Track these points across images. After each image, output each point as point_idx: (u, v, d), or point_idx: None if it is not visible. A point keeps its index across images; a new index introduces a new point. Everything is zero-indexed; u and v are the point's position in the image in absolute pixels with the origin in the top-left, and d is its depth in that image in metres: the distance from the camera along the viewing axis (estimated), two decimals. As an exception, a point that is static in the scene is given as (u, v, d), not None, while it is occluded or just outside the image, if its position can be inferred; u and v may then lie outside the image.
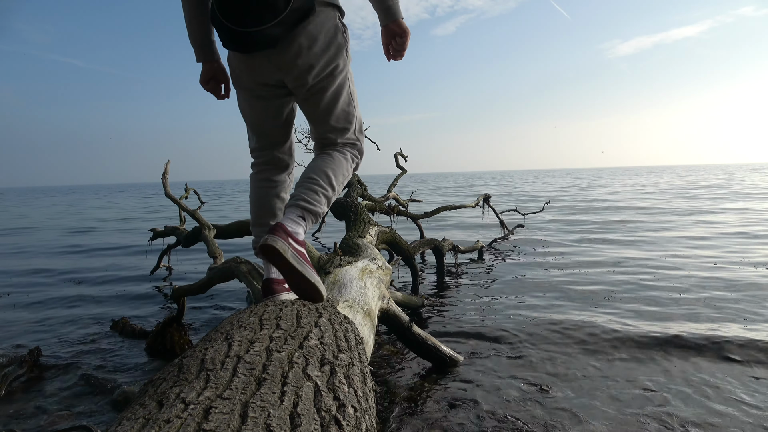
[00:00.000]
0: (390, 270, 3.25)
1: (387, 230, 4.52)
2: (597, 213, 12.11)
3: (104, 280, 5.80)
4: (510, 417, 2.20)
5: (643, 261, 5.79)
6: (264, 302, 1.51)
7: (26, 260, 7.55)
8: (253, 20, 1.29)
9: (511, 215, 9.88)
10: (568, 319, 3.62)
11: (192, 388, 0.94)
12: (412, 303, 3.65)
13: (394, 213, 6.21)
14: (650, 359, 2.84)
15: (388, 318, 2.77)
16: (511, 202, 15.34)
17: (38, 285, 5.64)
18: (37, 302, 4.78)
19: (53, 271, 6.50)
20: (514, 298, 4.31)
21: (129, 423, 0.86)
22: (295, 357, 1.14)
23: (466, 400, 2.38)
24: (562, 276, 5.15)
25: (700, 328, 3.29)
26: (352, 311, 2.25)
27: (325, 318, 1.51)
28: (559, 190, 24.49)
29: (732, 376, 2.59)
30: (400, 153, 6.90)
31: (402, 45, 1.46)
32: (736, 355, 2.84)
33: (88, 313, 4.32)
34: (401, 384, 2.61)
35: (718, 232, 7.89)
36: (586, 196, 18.09)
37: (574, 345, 3.09)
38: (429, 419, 2.21)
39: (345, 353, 1.29)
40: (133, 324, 3.77)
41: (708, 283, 4.58)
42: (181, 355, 1.20)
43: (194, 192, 6.11)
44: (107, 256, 7.76)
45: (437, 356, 2.80)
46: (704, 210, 11.85)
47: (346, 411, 0.99)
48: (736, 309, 3.72)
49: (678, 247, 6.64)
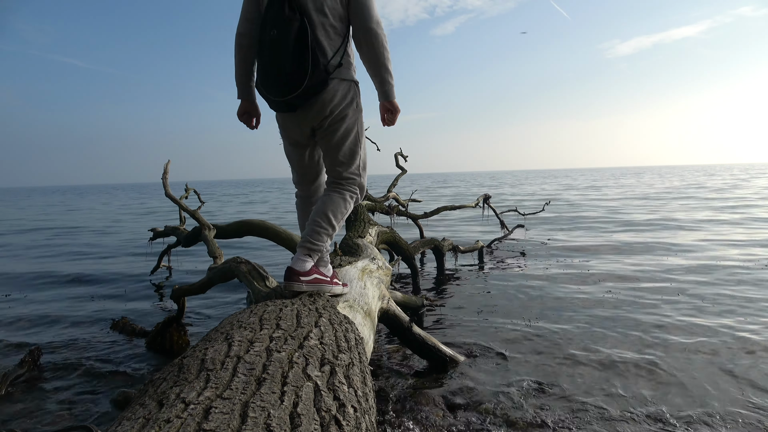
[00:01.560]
0: (390, 270, 3.25)
1: (387, 230, 4.52)
2: (600, 216, 12.12)
3: (104, 280, 5.80)
4: (510, 417, 2.20)
5: (642, 260, 5.79)
6: (264, 302, 1.51)
7: (25, 260, 7.55)
8: (279, 93, 1.77)
9: (510, 216, 9.87)
10: (568, 320, 3.62)
11: (192, 388, 0.94)
12: (412, 303, 3.65)
13: (394, 213, 6.21)
14: (650, 361, 2.84)
15: (388, 318, 2.77)
16: (514, 203, 15.32)
17: (38, 285, 5.64)
18: (37, 302, 4.78)
19: (54, 270, 6.50)
20: (515, 298, 4.31)
21: (129, 423, 0.86)
22: (295, 357, 1.14)
23: (466, 400, 2.38)
24: (562, 276, 5.15)
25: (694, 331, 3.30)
26: (352, 311, 2.25)
27: (325, 318, 1.51)
28: (557, 192, 24.44)
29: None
30: (400, 153, 6.89)
31: (393, 118, 1.96)
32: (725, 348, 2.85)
33: (88, 313, 4.32)
34: (401, 384, 2.61)
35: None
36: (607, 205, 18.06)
37: (574, 345, 3.09)
38: (429, 419, 2.20)
39: (345, 353, 1.29)
40: (133, 324, 3.77)
41: (709, 290, 4.58)
42: (181, 355, 1.20)
43: (194, 192, 6.10)
44: (107, 255, 7.76)
45: (437, 356, 2.80)
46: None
47: (346, 411, 0.99)
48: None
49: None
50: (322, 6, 1.78)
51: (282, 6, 1.71)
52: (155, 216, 15.89)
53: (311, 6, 1.77)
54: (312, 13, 1.77)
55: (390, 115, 1.94)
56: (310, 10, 1.77)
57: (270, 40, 1.73)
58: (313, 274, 1.94)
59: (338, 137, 1.92)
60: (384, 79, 1.89)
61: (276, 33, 1.71)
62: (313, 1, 1.78)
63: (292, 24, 1.70)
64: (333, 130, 1.90)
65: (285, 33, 1.70)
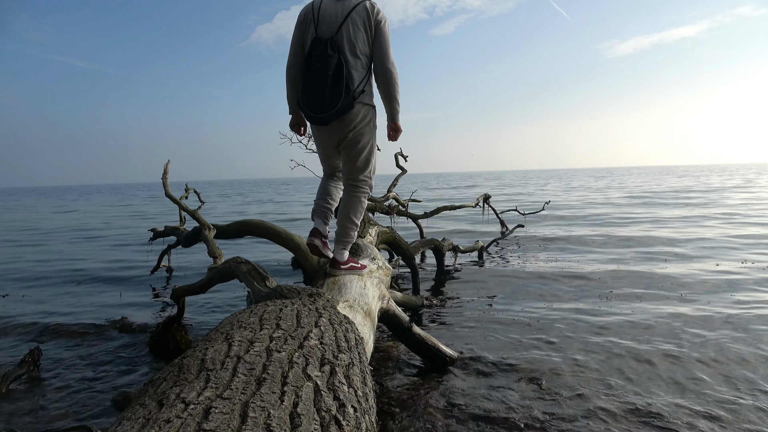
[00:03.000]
0: (390, 270, 3.24)
1: (387, 230, 4.52)
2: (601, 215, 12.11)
3: (104, 280, 5.80)
4: (510, 417, 2.20)
5: (643, 261, 5.79)
6: (264, 302, 1.51)
7: (23, 261, 7.55)
8: (318, 110, 2.30)
9: (510, 215, 9.88)
10: (568, 319, 3.62)
11: (192, 388, 0.94)
12: (412, 303, 3.65)
13: (394, 213, 6.21)
14: (651, 362, 2.84)
15: (388, 318, 2.77)
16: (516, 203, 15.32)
17: (38, 285, 5.64)
18: (37, 302, 4.78)
19: (54, 270, 6.51)
20: (514, 298, 4.31)
21: (129, 423, 0.86)
22: (295, 357, 1.14)
23: (466, 400, 2.38)
24: (562, 276, 5.15)
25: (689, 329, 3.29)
26: (352, 311, 2.25)
27: (325, 318, 1.51)
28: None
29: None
30: (400, 153, 6.89)
31: (396, 136, 2.56)
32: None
33: (87, 313, 4.32)
34: (401, 384, 2.61)
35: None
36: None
37: (574, 345, 3.09)
38: (429, 419, 2.21)
39: (345, 353, 1.29)
40: (133, 324, 3.77)
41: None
42: (181, 355, 1.20)
43: (194, 192, 6.10)
44: (106, 255, 7.76)
45: (437, 356, 2.80)
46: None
47: (346, 411, 0.99)
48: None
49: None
50: (354, 48, 2.31)
51: (325, 46, 2.25)
52: (154, 216, 15.90)
53: (347, 48, 2.30)
54: (347, 53, 2.29)
55: (394, 133, 2.55)
56: (346, 51, 2.29)
57: (314, 70, 2.25)
58: (350, 263, 2.65)
59: (358, 149, 2.49)
60: (393, 106, 2.46)
61: (320, 66, 2.24)
62: (348, 44, 2.30)
63: (332, 60, 2.24)
64: (355, 142, 2.46)
65: (326, 66, 2.23)
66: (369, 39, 2.34)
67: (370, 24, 2.32)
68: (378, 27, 2.33)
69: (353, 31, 2.30)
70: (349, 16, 2.30)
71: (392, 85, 2.38)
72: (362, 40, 2.32)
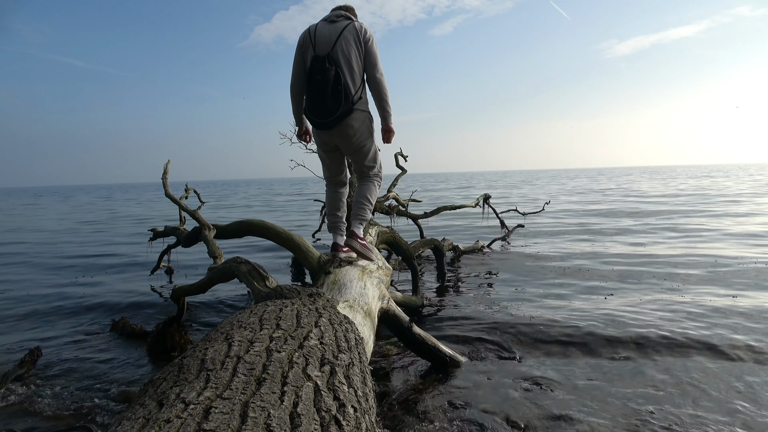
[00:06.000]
0: (390, 270, 3.24)
1: (387, 230, 4.52)
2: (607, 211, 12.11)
3: (104, 281, 5.80)
4: (510, 417, 2.20)
5: (644, 259, 5.79)
6: (264, 302, 1.51)
7: (25, 260, 7.55)
8: (321, 116, 2.61)
9: (510, 216, 9.88)
10: (567, 319, 3.62)
11: (192, 388, 0.94)
12: (412, 303, 3.65)
13: (394, 213, 6.21)
14: (650, 360, 2.84)
15: (388, 318, 2.76)
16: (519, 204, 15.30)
17: (37, 285, 5.64)
18: (36, 303, 4.77)
19: (53, 270, 6.50)
20: (514, 298, 4.31)
21: (129, 423, 0.86)
22: (295, 357, 1.14)
23: (467, 400, 2.38)
24: (562, 275, 5.15)
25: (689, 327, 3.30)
26: (352, 311, 2.25)
27: (325, 318, 1.51)
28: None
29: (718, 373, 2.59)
30: (400, 153, 6.89)
31: (389, 137, 2.82)
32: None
33: (88, 313, 4.32)
34: (401, 384, 2.61)
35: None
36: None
37: (573, 346, 3.09)
38: (429, 419, 2.20)
39: (345, 353, 1.29)
40: (133, 324, 3.77)
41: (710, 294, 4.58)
42: (181, 355, 1.20)
43: (194, 192, 6.10)
44: (107, 254, 7.76)
45: (437, 356, 2.80)
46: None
47: (346, 411, 0.99)
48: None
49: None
50: (349, 61, 2.62)
51: (324, 62, 2.58)
52: (152, 217, 15.89)
53: (343, 62, 2.60)
54: (343, 66, 2.60)
55: (387, 135, 2.81)
56: (342, 64, 2.60)
57: (316, 82, 2.58)
58: (365, 241, 2.88)
59: (364, 152, 2.81)
60: (385, 109, 2.74)
61: (320, 78, 2.57)
62: (343, 58, 2.61)
63: (330, 72, 2.56)
64: (360, 147, 2.77)
65: (326, 78, 2.56)
66: (360, 54, 2.67)
67: (359, 41, 2.66)
68: (367, 44, 2.67)
69: (346, 47, 2.62)
70: (341, 35, 2.64)
71: (383, 91, 2.71)
72: (355, 55, 2.64)
